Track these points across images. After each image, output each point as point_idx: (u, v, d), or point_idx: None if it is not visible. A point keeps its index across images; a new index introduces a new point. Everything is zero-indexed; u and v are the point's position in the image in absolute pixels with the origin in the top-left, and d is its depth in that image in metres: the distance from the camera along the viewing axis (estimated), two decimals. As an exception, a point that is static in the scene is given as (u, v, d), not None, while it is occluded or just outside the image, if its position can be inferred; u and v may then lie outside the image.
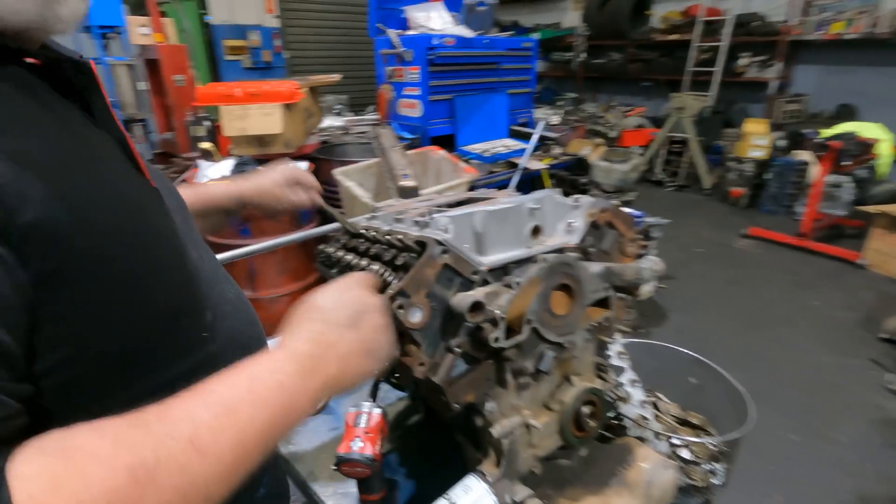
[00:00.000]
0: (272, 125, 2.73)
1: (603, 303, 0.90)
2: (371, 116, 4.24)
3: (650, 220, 3.03)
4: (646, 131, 6.71)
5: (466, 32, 3.36)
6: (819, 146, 3.80)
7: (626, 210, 2.91)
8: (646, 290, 2.91)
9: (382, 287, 0.80)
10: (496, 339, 0.76)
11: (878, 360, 2.81)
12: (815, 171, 4.08)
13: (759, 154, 5.07)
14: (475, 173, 2.92)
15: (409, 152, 3.06)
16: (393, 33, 3.26)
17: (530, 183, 3.79)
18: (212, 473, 0.40)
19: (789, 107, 6.15)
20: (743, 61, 6.58)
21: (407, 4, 3.51)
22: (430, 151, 3.10)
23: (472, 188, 3.11)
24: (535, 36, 7.31)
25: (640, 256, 2.90)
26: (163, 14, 3.48)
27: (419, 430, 1.19)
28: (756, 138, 5.05)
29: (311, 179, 1.10)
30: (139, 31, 3.23)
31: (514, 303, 0.77)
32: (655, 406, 1.24)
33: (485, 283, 0.83)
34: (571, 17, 8.67)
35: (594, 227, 0.92)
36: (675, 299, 3.47)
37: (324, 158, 3.09)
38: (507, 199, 0.93)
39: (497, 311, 0.75)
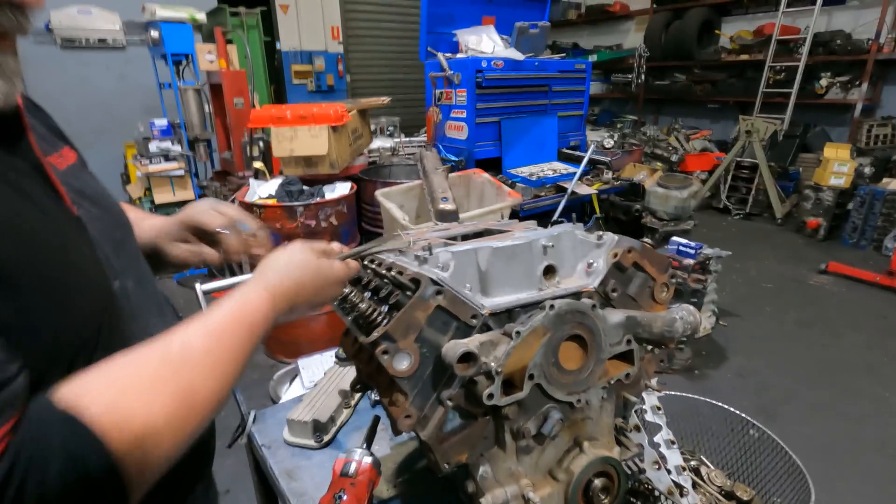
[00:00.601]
0: (319, 147, 2.80)
1: (625, 357, 0.79)
2: (420, 138, 4.27)
3: (708, 251, 2.80)
4: (711, 155, 6.34)
5: (516, 55, 3.31)
6: (912, 175, 3.38)
7: (683, 241, 2.70)
8: (703, 326, 2.67)
9: (369, 323, 0.74)
10: (490, 396, 0.67)
11: None
12: (908, 203, 3.64)
13: (839, 182, 4.61)
14: (518, 197, 2.83)
15: (453, 175, 3.03)
16: (442, 56, 3.27)
17: (581, 208, 3.64)
18: (211, 369, 0.54)
19: (878, 130, 5.58)
20: (823, 82, 6.08)
21: (458, 28, 3.53)
22: (474, 174, 3.05)
23: (516, 212, 3.02)
24: (592, 58, 7.17)
25: (696, 298, 2.63)
26: (228, 41, 3.70)
27: (427, 476, 1.10)
28: (837, 164, 4.61)
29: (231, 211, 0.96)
30: (206, 57, 3.45)
31: (514, 354, 0.68)
32: (697, 472, 1.08)
33: (486, 328, 0.74)
34: (633, 38, 8.44)
35: (619, 268, 0.81)
36: (738, 339, 3.16)
37: (367, 179, 3.12)
38: (520, 234, 0.85)
39: (492, 364, 0.67)
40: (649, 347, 0.85)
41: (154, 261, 0.86)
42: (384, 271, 0.85)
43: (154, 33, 3.58)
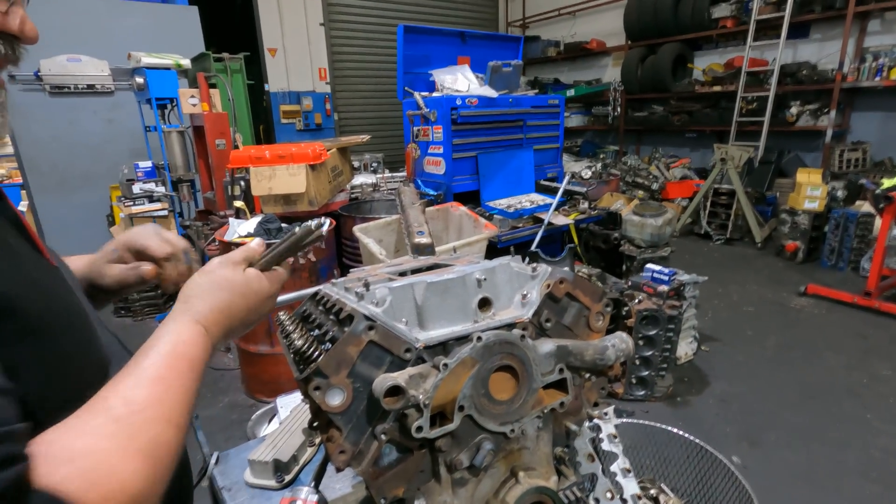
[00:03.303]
0: (297, 185, 2.85)
1: (560, 385, 0.81)
2: (402, 174, 4.35)
3: (683, 277, 2.84)
4: (690, 182, 6.49)
5: (490, 93, 3.43)
6: (879, 197, 3.48)
7: (657, 268, 2.74)
8: (684, 351, 2.69)
9: (305, 359, 0.75)
10: (419, 429, 0.68)
11: (967, 444, 2.39)
12: (878, 224, 3.72)
13: (813, 206, 4.72)
14: (495, 229, 2.88)
15: (431, 209, 3.08)
16: (418, 95, 3.38)
17: (560, 238, 3.70)
18: (166, 418, 0.53)
19: (849, 155, 5.76)
20: (794, 110, 6.32)
21: (434, 68, 3.66)
22: (451, 207, 3.10)
23: (494, 244, 3.06)
24: (570, 92, 7.41)
25: (673, 324, 2.65)
26: (212, 85, 3.81)
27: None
28: (810, 188, 4.73)
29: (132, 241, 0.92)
30: (189, 101, 3.55)
31: (443, 386, 0.70)
32: (656, 501, 1.08)
33: (421, 361, 0.76)
34: (611, 73, 8.75)
35: (553, 299, 0.84)
36: (720, 364, 3.17)
37: (347, 215, 3.16)
38: (458, 268, 0.87)
39: (421, 396, 0.68)
40: (588, 376, 0.86)
41: (88, 294, 0.82)
42: (329, 308, 0.87)
43: (139, 79, 3.68)
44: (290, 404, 2.11)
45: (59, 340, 0.51)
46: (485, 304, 0.83)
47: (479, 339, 0.71)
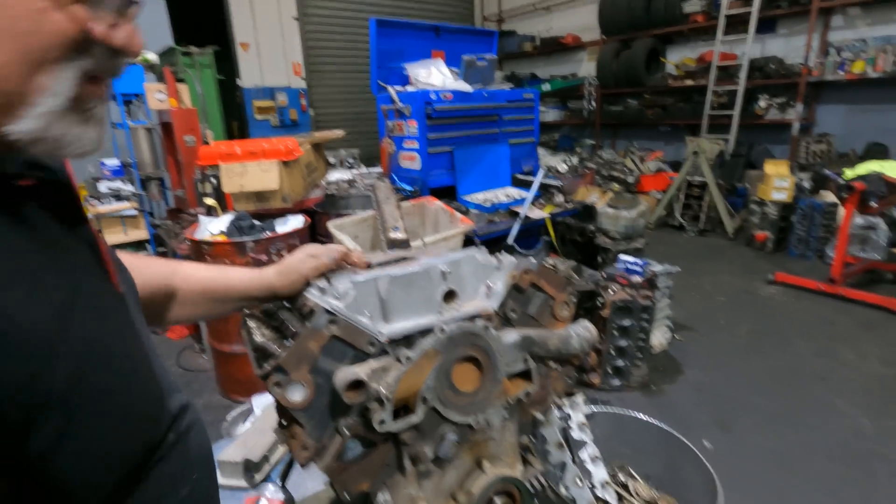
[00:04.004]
0: (269, 181, 2.80)
1: (525, 375, 0.81)
2: (377, 169, 4.32)
3: (656, 268, 2.89)
4: (665, 175, 6.60)
5: (465, 87, 3.42)
6: (842, 187, 3.60)
7: (630, 259, 2.78)
8: (659, 341, 2.73)
9: (265, 355, 0.73)
10: (382, 422, 0.68)
11: (925, 423, 2.50)
12: (841, 214, 3.85)
13: (781, 196, 4.85)
14: (471, 223, 2.88)
15: (407, 204, 3.06)
16: (392, 90, 3.35)
17: (536, 231, 3.72)
18: None
19: (815, 147, 5.94)
20: (762, 103, 6.47)
21: (408, 62, 3.64)
22: (427, 202, 3.09)
23: (469, 238, 3.06)
24: (546, 87, 7.45)
25: (647, 314, 2.69)
26: (180, 80, 3.71)
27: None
28: (778, 180, 4.86)
29: (352, 258, 0.90)
30: (156, 96, 3.45)
31: (407, 379, 0.69)
32: (625, 487, 1.09)
33: (384, 355, 0.75)
34: (587, 67, 8.82)
35: (518, 290, 0.84)
36: (694, 353, 3.24)
37: (322, 212, 3.12)
38: (424, 261, 0.87)
39: (383, 390, 0.68)
40: (554, 365, 0.87)
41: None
42: (291, 304, 0.86)
43: (103, 74, 3.56)
44: (266, 403, 2.08)
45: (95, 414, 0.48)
46: (450, 296, 0.83)
47: (443, 330, 0.71)
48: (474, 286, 0.86)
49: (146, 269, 0.78)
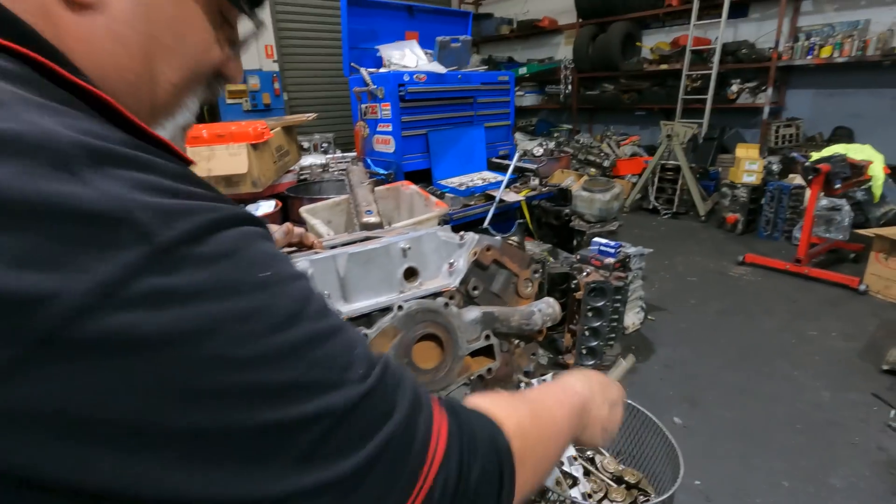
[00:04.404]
0: (238, 165, 2.73)
1: (487, 352, 0.81)
2: (352, 154, 4.25)
3: (630, 249, 2.93)
4: (640, 159, 6.67)
5: (439, 69, 3.38)
6: (808, 169, 3.69)
7: (603, 241, 2.80)
8: (632, 322, 2.76)
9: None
10: (339, 401, 0.67)
11: (880, 394, 2.61)
12: (808, 196, 3.96)
13: (751, 179, 4.96)
14: (445, 207, 2.86)
15: (381, 188, 3.03)
16: (364, 71, 3.29)
17: (513, 215, 3.73)
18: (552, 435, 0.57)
19: (784, 131, 6.08)
20: (734, 88, 6.58)
21: (381, 43, 3.56)
22: (402, 186, 3.06)
23: (444, 221, 3.05)
24: (523, 70, 7.41)
25: (620, 295, 2.71)
26: (144, 61, 3.58)
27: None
28: (748, 163, 4.96)
29: (302, 236, 0.94)
30: (118, 78, 3.32)
31: (364, 357, 0.69)
32: (592, 461, 1.11)
33: (343, 333, 0.74)
34: (564, 51, 8.81)
35: (480, 266, 0.84)
36: (665, 332, 3.31)
37: (295, 197, 3.07)
38: (386, 239, 0.86)
39: (340, 368, 0.67)
40: (517, 342, 0.87)
41: None
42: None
43: (61, 54, 3.40)
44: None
45: None
46: (411, 273, 0.82)
47: (401, 308, 0.70)
48: (437, 264, 0.86)
49: None
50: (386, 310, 0.76)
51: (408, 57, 3.44)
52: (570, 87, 7.88)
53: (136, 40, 0.43)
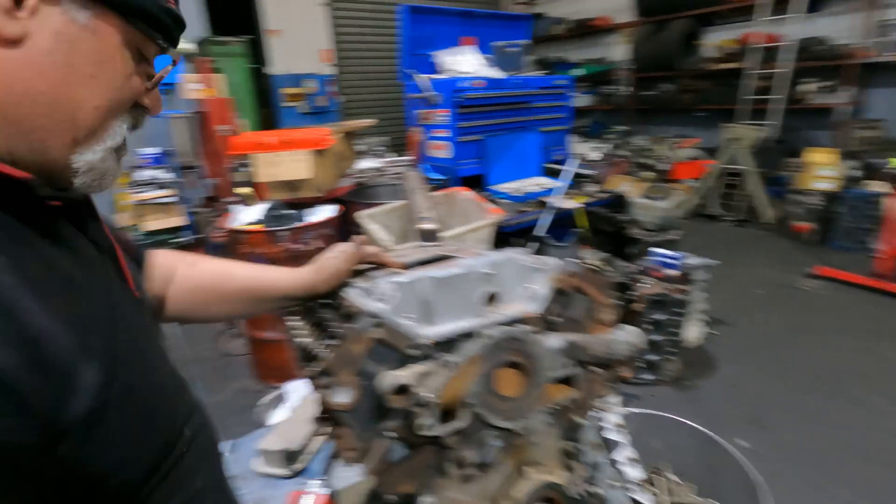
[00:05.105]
0: (302, 171, 2.83)
1: (568, 380, 0.81)
2: (409, 158, 4.32)
3: (692, 261, 2.81)
4: (699, 163, 6.39)
5: (497, 74, 3.37)
6: (891, 176, 3.41)
7: (665, 252, 2.72)
8: (693, 335, 2.67)
9: (310, 357, 0.75)
10: (427, 427, 0.68)
11: (977, 427, 2.38)
12: (889, 204, 3.66)
13: (825, 185, 4.64)
14: (501, 213, 2.85)
15: (436, 193, 3.06)
16: (421, 78, 3.33)
17: (567, 222, 3.66)
18: None
19: (863, 133, 5.63)
20: (806, 87, 6.16)
21: (439, 49, 3.59)
22: (457, 192, 3.08)
23: (500, 229, 3.04)
24: (579, 71, 7.26)
25: (681, 308, 2.63)
26: (215, 70, 3.77)
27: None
28: (821, 168, 4.64)
29: (376, 255, 0.92)
30: (192, 86, 3.51)
31: (450, 384, 0.70)
32: (663, 489, 1.08)
33: (427, 358, 0.76)
34: (619, 51, 8.56)
35: (561, 293, 0.83)
36: (728, 347, 3.16)
37: (353, 201, 3.14)
38: (463, 262, 0.87)
39: (427, 395, 0.68)
40: (595, 369, 0.86)
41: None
42: (333, 303, 0.87)
43: (142, 65, 3.65)
44: (298, 390, 2.13)
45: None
46: (491, 298, 0.83)
47: (487, 336, 0.71)
48: (515, 288, 0.86)
49: (196, 267, 0.85)
50: (468, 335, 0.76)
51: (465, 62, 3.45)
52: (627, 87, 7.63)
53: (54, 70, 0.47)
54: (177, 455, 0.59)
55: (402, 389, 0.67)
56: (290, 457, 1.27)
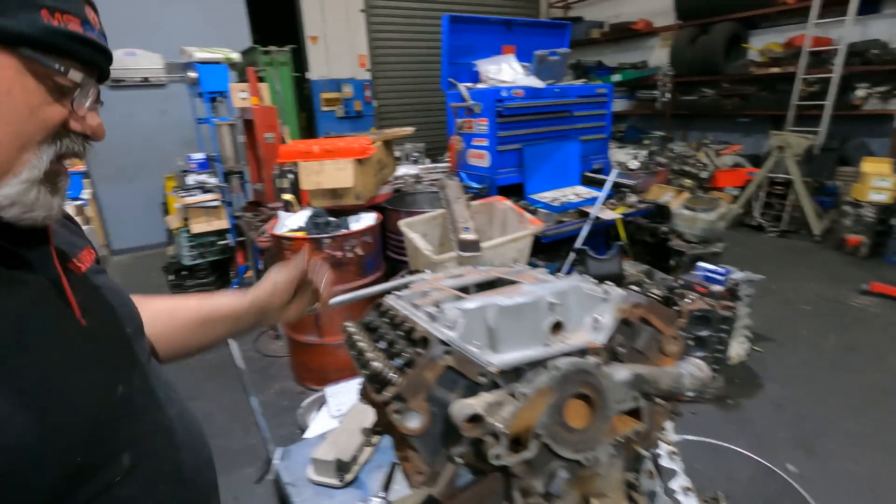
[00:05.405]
0: (344, 179, 2.89)
1: (634, 413, 0.80)
2: (444, 164, 4.34)
3: (738, 275, 2.73)
4: (742, 171, 6.19)
5: (537, 83, 3.36)
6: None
7: (710, 267, 2.65)
8: (736, 351, 2.61)
9: (381, 381, 0.77)
10: (497, 456, 0.69)
11: None
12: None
13: (880, 197, 4.42)
14: (540, 224, 2.85)
15: (475, 203, 3.07)
16: (462, 87, 3.35)
17: (605, 232, 3.62)
18: None
19: (922, 142, 5.35)
20: (860, 93, 5.89)
21: (479, 58, 3.61)
22: (496, 202, 3.08)
23: (539, 239, 3.03)
24: (617, 77, 7.15)
25: (726, 325, 2.57)
26: (260, 79, 3.89)
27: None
28: (878, 179, 4.43)
29: (323, 274, 0.99)
30: (239, 95, 3.64)
31: (520, 415, 0.71)
32: (719, 520, 1.06)
33: (494, 385, 0.77)
34: (659, 55, 8.38)
35: (626, 323, 0.83)
36: (774, 366, 3.06)
37: (392, 209, 3.19)
38: (527, 288, 0.87)
39: (499, 425, 0.69)
40: (660, 400, 0.85)
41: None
42: (398, 323, 0.89)
43: (192, 74, 3.80)
44: (338, 394, 2.18)
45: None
46: (556, 327, 0.83)
47: (557, 368, 0.71)
48: (579, 316, 0.86)
49: (142, 305, 0.81)
50: (534, 363, 0.77)
51: (505, 71, 3.45)
52: (667, 93, 7.45)
53: None
54: (102, 483, 0.58)
55: (475, 418, 0.68)
56: (341, 467, 1.30)
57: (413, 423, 0.71)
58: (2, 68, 0.50)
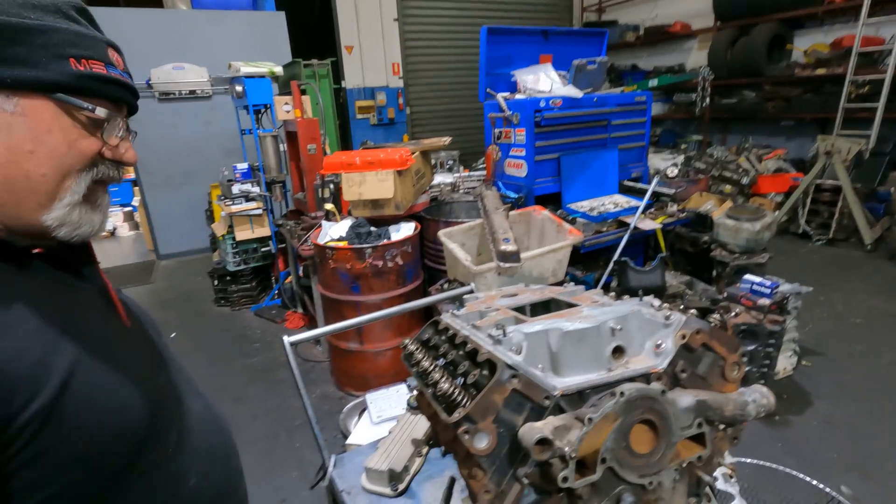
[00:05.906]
0: (385, 190, 2.96)
1: (697, 438, 0.81)
2: (480, 172, 4.37)
3: (786, 288, 2.66)
4: (786, 176, 5.99)
5: (575, 92, 3.35)
6: None
7: (756, 279, 2.59)
8: (783, 365, 2.56)
9: (451, 405, 0.80)
10: (564, 479, 0.72)
11: None
12: None
13: (939, 205, 4.21)
14: (579, 235, 2.84)
15: (513, 213, 3.09)
16: (500, 97, 3.37)
17: (644, 242, 3.57)
18: None
19: (984, 145, 5.06)
20: (915, 94, 5.61)
21: (516, 68, 3.63)
22: (534, 211, 3.09)
23: (577, 249, 3.02)
24: (653, 82, 7.04)
25: (774, 340, 2.51)
26: (303, 92, 4.02)
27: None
28: (935, 186, 4.22)
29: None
30: (283, 108, 3.77)
31: (587, 439, 0.73)
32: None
33: (558, 408, 0.79)
34: (696, 57, 8.20)
35: (687, 349, 0.84)
36: (824, 381, 2.95)
37: (430, 218, 3.24)
38: (588, 312, 0.89)
39: (566, 449, 0.72)
40: (722, 426, 0.86)
41: None
42: (458, 343, 0.93)
43: (238, 87, 3.96)
44: (378, 400, 2.23)
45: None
46: (618, 351, 0.85)
47: (622, 394, 0.73)
48: (640, 341, 0.87)
49: None
50: (596, 387, 0.79)
51: (542, 81, 3.46)
52: (706, 97, 7.27)
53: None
54: (157, 455, 0.68)
55: (544, 441, 0.70)
56: (393, 476, 1.34)
57: (482, 443, 0.75)
58: (42, 112, 0.59)
